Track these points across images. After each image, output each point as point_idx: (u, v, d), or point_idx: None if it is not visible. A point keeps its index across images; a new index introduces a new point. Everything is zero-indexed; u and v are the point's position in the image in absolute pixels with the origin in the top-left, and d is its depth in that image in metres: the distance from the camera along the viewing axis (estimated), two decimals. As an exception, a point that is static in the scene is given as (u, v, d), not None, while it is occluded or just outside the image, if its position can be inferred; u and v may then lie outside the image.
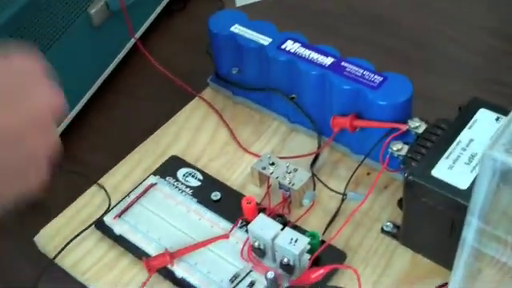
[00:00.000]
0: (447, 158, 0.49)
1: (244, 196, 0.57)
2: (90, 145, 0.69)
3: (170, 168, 0.62)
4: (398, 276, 0.53)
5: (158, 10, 0.79)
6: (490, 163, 0.30)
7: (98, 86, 0.71)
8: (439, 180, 0.48)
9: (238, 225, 0.56)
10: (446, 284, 0.49)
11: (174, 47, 0.78)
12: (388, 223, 0.56)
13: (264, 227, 0.51)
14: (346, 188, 0.58)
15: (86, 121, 0.70)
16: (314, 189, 0.58)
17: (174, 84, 0.70)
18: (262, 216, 0.53)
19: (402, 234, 0.55)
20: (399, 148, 0.53)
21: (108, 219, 0.57)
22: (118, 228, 0.57)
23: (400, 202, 0.56)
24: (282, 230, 0.51)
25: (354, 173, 0.58)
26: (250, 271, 0.52)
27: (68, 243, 0.57)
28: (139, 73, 0.75)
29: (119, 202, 0.59)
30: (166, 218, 0.57)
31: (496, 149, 0.30)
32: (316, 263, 0.51)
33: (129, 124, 0.70)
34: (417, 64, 0.70)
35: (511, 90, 0.66)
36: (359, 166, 0.58)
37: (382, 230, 0.56)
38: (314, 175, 0.59)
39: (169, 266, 0.53)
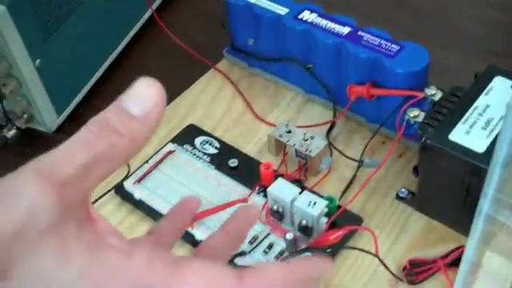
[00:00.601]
0: (464, 123, 0.50)
1: (261, 163, 0.58)
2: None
3: (187, 136, 0.63)
4: (413, 241, 0.54)
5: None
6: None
7: (113, 58, 0.72)
8: (456, 144, 0.49)
9: (256, 191, 0.57)
10: (462, 247, 0.50)
11: (189, 20, 0.78)
12: (403, 190, 0.57)
13: (283, 190, 0.52)
14: (362, 155, 0.59)
15: (102, 92, 0.71)
16: (331, 156, 0.59)
17: (190, 56, 0.71)
18: (280, 180, 0.54)
19: (417, 200, 0.56)
20: (416, 115, 0.54)
21: (128, 184, 0.58)
22: (138, 193, 0.58)
23: (415, 169, 0.56)
24: (300, 193, 0.52)
25: (369, 141, 0.59)
26: (269, 234, 0.53)
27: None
28: (155, 45, 0.75)
29: (138, 168, 0.60)
30: (184, 183, 0.58)
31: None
32: (332, 227, 0.53)
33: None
34: (427, 37, 0.71)
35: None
36: (375, 134, 0.59)
37: (397, 197, 0.57)
38: (330, 143, 0.59)
39: (189, 229, 0.54)
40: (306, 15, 0.61)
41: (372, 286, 0.51)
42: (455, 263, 0.49)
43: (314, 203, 0.51)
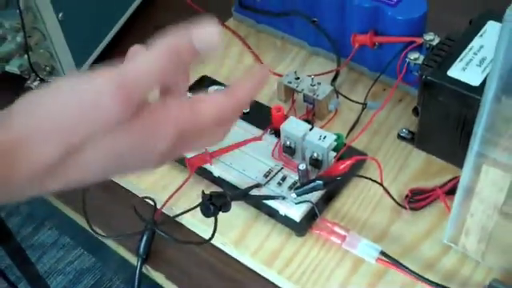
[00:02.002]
0: (461, 61, 0.55)
1: (271, 108, 0.62)
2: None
3: (201, 86, 0.67)
4: (414, 173, 0.59)
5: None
6: (509, 24, 0.36)
7: (129, 15, 0.77)
8: (454, 79, 0.54)
9: (268, 132, 0.61)
10: (458, 177, 0.55)
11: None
12: (404, 129, 0.62)
13: (295, 127, 0.57)
14: (365, 99, 0.63)
15: (118, 48, 0.75)
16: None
17: (199, 14, 0.75)
18: (292, 118, 0.58)
19: (417, 137, 0.61)
20: (416, 57, 0.59)
21: (148, 128, 0.63)
22: (158, 136, 0.62)
23: (415, 110, 0.61)
24: (311, 130, 0.57)
25: (371, 86, 0.64)
26: (282, 168, 0.58)
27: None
28: (167, 4, 0.80)
29: (157, 114, 0.64)
30: (201, 126, 0.62)
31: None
32: (340, 162, 0.57)
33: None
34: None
35: None
36: (376, 80, 0.64)
37: (398, 136, 0.62)
38: (335, 89, 0.64)
39: (207, 166, 0.59)
40: (311, -30, 0.66)
41: (377, 213, 0.56)
42: (452, 191, 0.54)
43: (324, 137, 0.56)
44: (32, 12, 0.63)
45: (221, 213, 0.53)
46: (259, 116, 0.63)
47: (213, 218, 0.53)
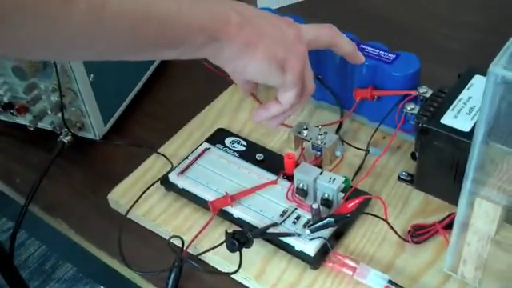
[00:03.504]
0: (452, 110, 0.62)
1: (283, 156, 0.69)
2: (144, 127, 0.81)
3: (218, 137, 0.74)
4: (415, 211, 0.65)
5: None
6: (492, 77, 0.43)
7: (148, 75, 0.84)
8: (447, 126, 0.61)
9: (281, 176, 0.68)
10: (454, 213, 0.61)
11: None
12: (403, 172, 0.69)
13: (307, 171, 0.64)
14: (367, 146, 0.70)
15: (139, 106, 0.83)
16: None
17: (213, 74, 0.82)
18: (304, 163, 0.65)
19: (416, 179, 0.67)
20: (412, 107, 0.66)
21: (172, 176, 0.69)
22: (181, 182, 0.68)
23: (413, 155, 0.68)
24: (321, 174, 0.64)
25: (372, 135, 0.71)
26: (295, 208, 0.64)
27: (139, 197, 0.69)
28: (183, 65, 0.87)
29: (180, 163, 0.71)
30: (221, 173, 0.69)
31: (496, 67, 0.43)
32: (348, 202, 0.64)
33: (176, 108, 0.83)
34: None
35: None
36: (377, 129, 0.71)
37: (399, 178, 0.69)
38: (340, 137, 0.71)
39: (228, 208, 0.65)
40: (316, 33, 0.74)
41: (383, 246, 0.62)
42: (449, 226, 0.60)
43: (333, 179, 0.62)
44: (67, 74, 0.70)
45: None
46: (273, 163, 0.70)
47: (235, 255, 0.60)
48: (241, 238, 0.58)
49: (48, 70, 0.70)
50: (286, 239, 0.62)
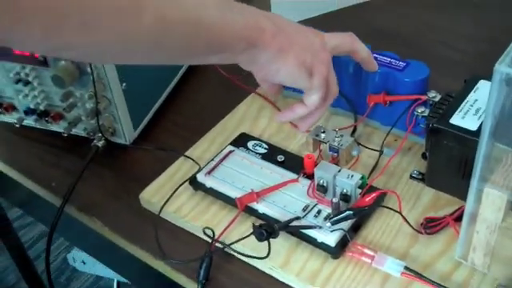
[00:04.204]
0: (460, 111, 0.68)
1: (302, 158, 0.75)
2: (170, 133, 0.86)
3: (241, 141, 0.79)
4: (426, 206, 0.71)
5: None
6: (498, 75, 0.49)
7: (174, 84, 0.90)
8: (455, 125, 0.66)
9: (301, 175, 0.73)
10: (463, 206, 0.66)
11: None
12: (415, 171, 0.74)
13: (327, 169, 0.69)
14: (381, 147, 0.76)
15: (165, 113, 0.88)
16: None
17: (232, 83, 0.88)
18: (324, 162, 0.70)
19: (427, 177, 0.73)
20: (423, 110, 0.72)
21: (200, 176, 0.74)
22: (209, 182, 0.74)
23: (423, 155, 0.74)
24: (339, 171, 0.69)
25: (385, 137, 0.77)
26: (316, 204, 0.69)
27: (171, 196, 0.74)
28: (207, 75, 0.93)
29: (206, 165, 0.76)
30: (245, 173, 0.74)
31: (501, 65, 0.48)
32: (364, 198, 0.69)
33: (198, 115, 0.88)
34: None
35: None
36: (389, 132, 0.77)
37: (411, 176, 0.74)
38: (355, 140, 0.77)
39: (253, 204, 0.70)
40: (331, 44, 0.80)
41: (398, 237, 0.68)
42: (459, 218, 0.65)
43: (352, 176, 0.68)
44: (102, 83, 0.76)
45: (266, 242, 0.64)
46: (293, 164, 0.75)
47: (262, 246, 0.65)
48: (268, 228, 0.63)
49: (84, 79, 0.76)
50: (308, 231, 0.67)
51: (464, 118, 0.67)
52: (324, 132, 0.76)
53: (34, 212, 1.01)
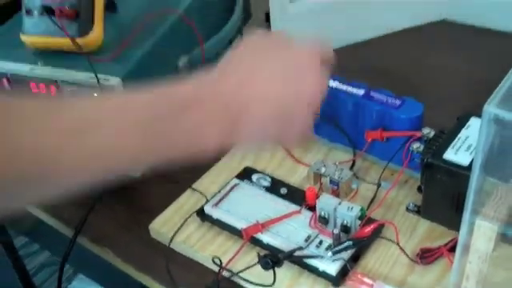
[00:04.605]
0: (452, 147, 0.72)
1: (304, 190, 0.79)
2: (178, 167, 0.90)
3: (246, 174, 0.83)
4: (422, 237, 0.75)
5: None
6: (486, 115, 0.53)
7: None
8: (448, 160, 0.71)
9: (304, 207, 0.77)
10: (456, 238, 0.70)
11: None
12: (411, 204, 0.78)
13: (327, 201, 0.73)
14: (379, 181, 0.80)
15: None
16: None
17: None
18: (325, 194, 0.74)
19: (422, 210, 0.77)
20: (418, 146, 0.76)
21: (207, 208, 0.78)
22: (216, 213, 0.78)
23: (419, 188, 0.78)
24: (340, 204, 0.73)
25: (382, 172, 0.81)
26: (318, 235, 0.73)
27: (180, 227, 0.78)
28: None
29: (213, 197, 0.80)
30: (250, 205, 0.78)
31: (490, 106, 0.53)
32: (363, 229, 0.73)
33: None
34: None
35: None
36: (386, 166, 0.81)
37: (407, 209, 0.78)
38: (354, 173, 0.81)
39: (258, 235, 0.74)
40: (331, 83, 0.84)
41: (396, 267, 0.71)
42: (453, 249, 0.69)
43: (352, 208, 0.72)
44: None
45: (271, 271, 0.68)
46: (295, 196, 0.79)
47: (267, 276, 0.69)
48: (273, 258, 0.67)
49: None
50: (311, 261, 0.70)
51: (457, 154, 0.71)
52: (324, 166, 0.80)
53: (41, 240, 1.04)
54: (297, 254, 0.71)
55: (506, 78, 0.58)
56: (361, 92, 0.82)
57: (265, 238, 0.74)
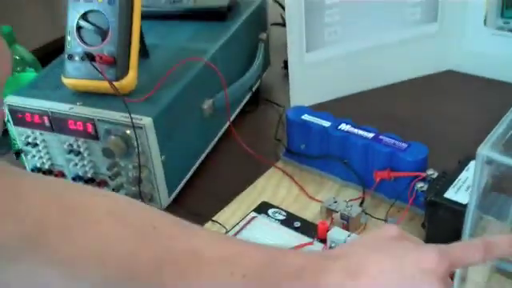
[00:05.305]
0: (453, 187, 0.79)
1: (317, 224, 0.85)
2: (199, 199, 0.98)
3: (262, 208, 0.90)
4: (425, 269, 0.81)
5: (238, 110, 1.11)
6: (480, 158, 0.60)
7: (203, 158, 1.02)
8: (449, 199, 0.77)
9: (316, 239, 0.84)
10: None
11: (249, 136, 1.08)
12: (415, 239, 0.84)
13: (338, 234, 0.80)
14: (386, 217, 0.87)
15: (194, 183, 1.00)
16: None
17: (254, 158, 1.00)
18: (336, 228, 0.81)
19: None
20: (422, 186, 0.83)
21: (227, 238, 0.85)
22: (235, 243, 0.85)
23: (423, 225, 0.85)
24: (349, 236, 0.80)
25: (389, 209, 0.88)
26: (329, 265, 0.80)
27: (200, 254, 0.85)
28: (232, 148, 1.05)
29: (232, 229, 0.87)
30: (266, 236, 0.85)
31: (483, 149, 0.60)
32: (371, 261, 0.79)
33: (226, 184, 1.00)
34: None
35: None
36: (393, 204, 0.88)
37: (412, 243, 0.84)
38: (363, 210, 0.88)
39: (274, 264, 0.81)
40: (343, 126, 0.92)
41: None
42: (451, 279, 0.75)
43: (360, 241, 0.78)
44: (145, 155, 0.88)
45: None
46: (308, 229, 0.86)
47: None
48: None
49: (130, 151, 0.88)
50: (322, 288, 0.77)
51: (457, 193, 0.78)
52: (336, 202, 0.87)
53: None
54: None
55: (499, 124, 0.65)
56: (371, 135, 0.90)
57: (280, 266, 0.81)
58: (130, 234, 0.50)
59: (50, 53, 1.05)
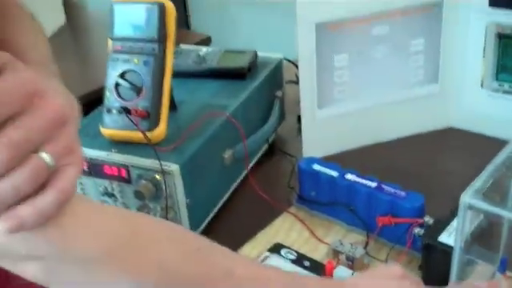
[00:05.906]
0: (446, 232, 0.89)
1: (324, 264, 0.95)
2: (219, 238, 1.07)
3: (276, 249, 1.00)
4: (421, 306, 0.90)
5: (255, 159, 1.22)
6: (462, 205, 0.70)
7: (223, 201, 1.13)
8: (443, 242, 0.87)
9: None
10: (449, 307, 0.85)
11: (265, 183, 1.19)
12: (413, 279, 0.94)
13: (343, 272, 0.89)
14: (386, 258, 0.96)
15: (215, 226, 1.10)
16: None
17: (268, 203, 1.10)
18: (341, 267, 0.91)
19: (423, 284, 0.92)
20: (419, 231, 0.92)
21: (243, 274, 0.95)
22: (250, 279, 0.94)
23: (420, 267, 0.94)
24: (352, 274, 0.89)
25: (390, 251, 0.97)
26: (334, 300, 0.89)
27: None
28: (249, 194, 1.15)
29: (248, 266, 0.96)
30: (279, 273, 0.95)
31: (466, 197, 0.70)
32: (372, 297, 0.88)
33: (242, 226, 1.10)
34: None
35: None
36: (393, 247, 0.97)
37: (410, 283, 0.93)
38: (367, 252, 0.97)
39: (285, 298, 0.90)
40: (349, 176, 1.02)
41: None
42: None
43: (362, 278, 0.88)
44: (172, 198, 0.99)
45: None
46: (316, 268, 0.95)
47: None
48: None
49: (159, 194, 0.99)
50: (328, 320, 0.86)
51: (449, 237, 0.88)
52: (342, 245, 0.97)
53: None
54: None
55: (481, 175, 0.75)
56: (374, 184, 1.00)
57: (291, 300, 0.90)
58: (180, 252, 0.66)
59: (84, 105, 1.16)
